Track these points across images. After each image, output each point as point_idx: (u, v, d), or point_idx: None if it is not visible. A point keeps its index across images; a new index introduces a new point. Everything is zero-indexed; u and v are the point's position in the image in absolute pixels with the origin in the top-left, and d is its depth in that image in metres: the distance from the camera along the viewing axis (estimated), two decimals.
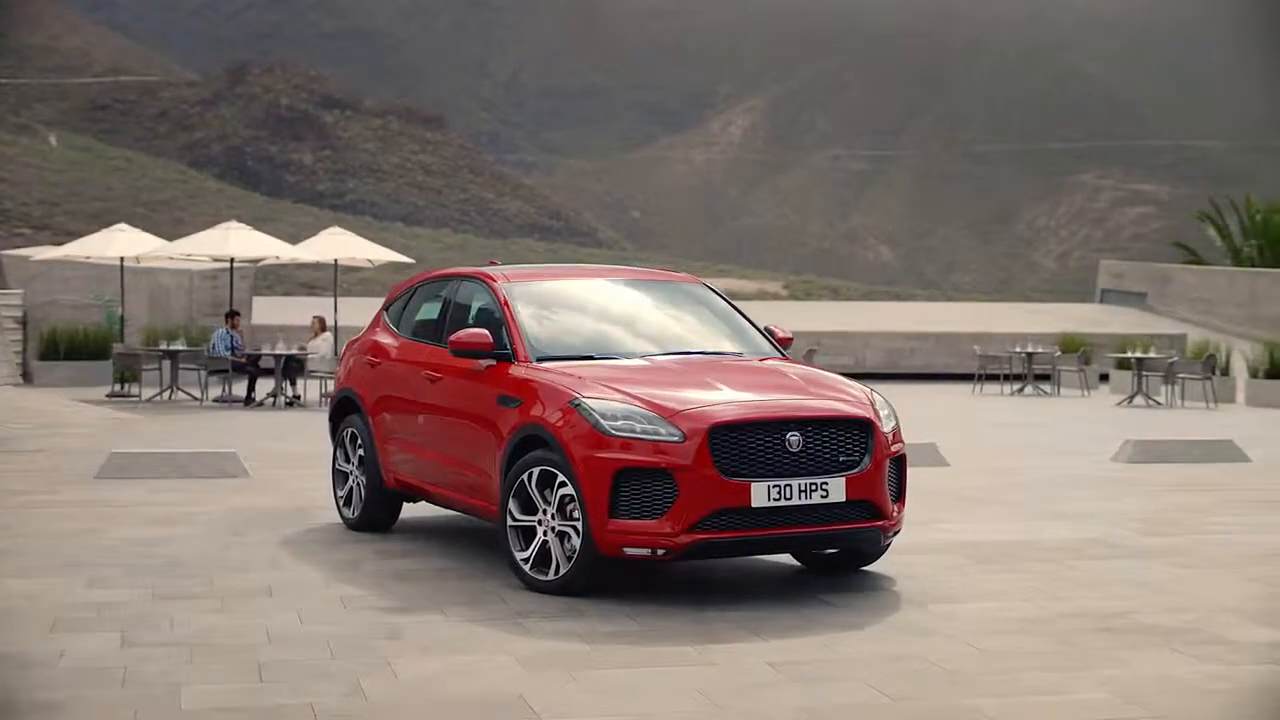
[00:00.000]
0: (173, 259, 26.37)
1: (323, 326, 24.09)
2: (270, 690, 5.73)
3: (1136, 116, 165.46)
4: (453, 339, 8.42)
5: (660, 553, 7.24)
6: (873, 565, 8.38)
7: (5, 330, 26.18)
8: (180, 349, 23.20)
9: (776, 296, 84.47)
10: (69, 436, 16.59)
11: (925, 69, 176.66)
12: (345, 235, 26.18)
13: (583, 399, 7.50)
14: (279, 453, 15.00)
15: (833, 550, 8.14)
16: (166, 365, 23.16)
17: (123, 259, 25.49)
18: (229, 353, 23.11)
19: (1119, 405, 24.78)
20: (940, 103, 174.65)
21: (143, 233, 26.04)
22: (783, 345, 9.03)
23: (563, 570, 7.52)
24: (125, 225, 26.52)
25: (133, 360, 23.32)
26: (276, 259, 25.61)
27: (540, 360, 8.16)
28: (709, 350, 8.61)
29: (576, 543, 7.42)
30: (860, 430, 7.63)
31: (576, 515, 7.39)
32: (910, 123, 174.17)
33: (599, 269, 10.15)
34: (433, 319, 9.42)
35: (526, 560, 7.67)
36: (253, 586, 7.82)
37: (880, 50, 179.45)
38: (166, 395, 22.86)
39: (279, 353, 22.59)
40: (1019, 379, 28.45)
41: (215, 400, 22.79)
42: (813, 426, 7.47)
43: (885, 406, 8.04)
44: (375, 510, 9.67)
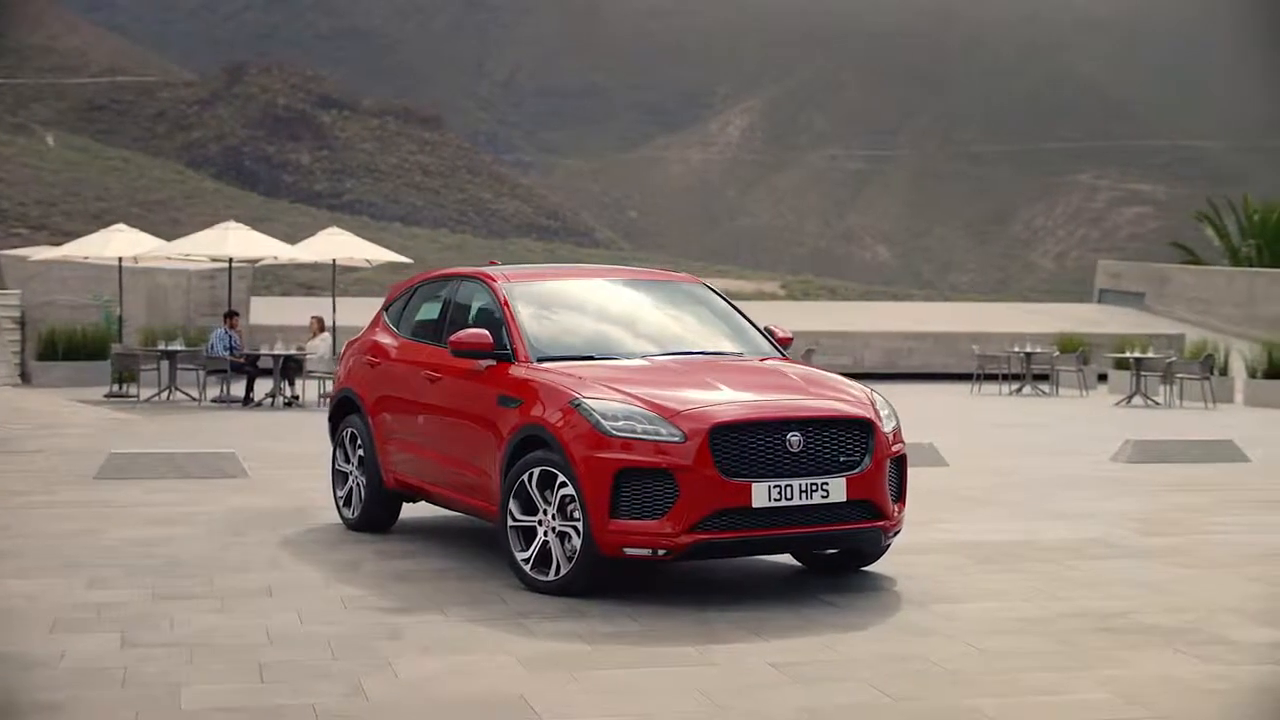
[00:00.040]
0: (171, 259, 26.36)
1: (321, 327, 24.09)
2: (271, 690, 5.73)
3: (1133, 116, 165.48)
4: (453, 339, 8.42)
5: (661, 553, 7.23)
6: (873, 565, 8.38)
7: (3, 330, 26.19)
8: (178, 349, 23.19)
9: (774, 296, 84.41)
10: (67, 437, 16.59)
11: (922, 69, 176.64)
12: (343, 235, 26.18)
13: (583, 399, 7.50)
14: (278, 453, 15.00)
15: (833, 550, 8.14)
16: (165, 365, 23.17)
17: (121, 259, 25.48)
18: (227, 353, 23.12)
19: (1117, 405, 24.80)
20: (937, 103, 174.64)
21: (141, 233, 26.05)
22: (783, 345, 9.04)
23: (563, 570, 7.52)
24: (123, 225, 26.55)
25: (131, 360, 23.32)
26: (275, 259, 25.61)
27: (540, 360, 8.15)
28: (709, 350, 8.61)
29: (577, 543, 7.42)
30: (861, 430, 7.63)
31: (577, 515, 7.39)
32: (907, 123, 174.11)
33: (599, 269, 10.15)
34: (433, 319, 9.42)
35: (527, 560, 7.67)
36: (253, 587, 7.82)
37: (877, 50, 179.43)
38: (165, 395, 22.85)
39: (277, 353, 22.61)
40: (1017, 379, 28.47)
41: (214, 400, 22.79)
42: (813, 427, 7.47)
43: (886, 406, 8.04)
44: (375, 510, 9.67)
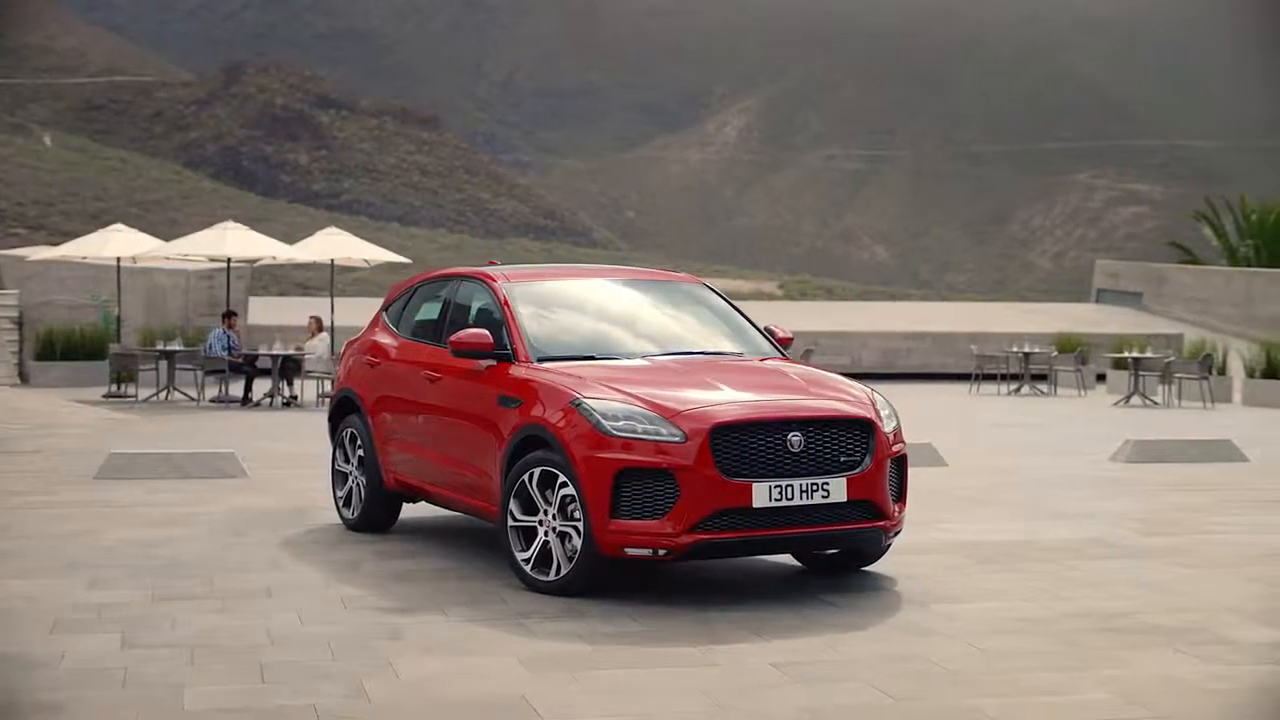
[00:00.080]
0: (169, 259, 26.35)
1: (319, 327, 24.08)
2: (272, 691, 5.72)
3: (1131, 116, 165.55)
4: (453, 339, 8.41)
5: (661, 553, 7.23)
6: (873, 565, 8.38)
7: (1, 330, 26.18)
8: (177, 349, 23.19)
9: (771, 296, 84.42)
10: (66, 437, 16.58)
11: (922, 69, 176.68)
12: (342, 235, 26.16)
13: (584, 399, 7.49)
14: (277, 453, 14.99)
15: (834, 550, 8.14)
16: (163, 365, 23.17)
17: (119, 259, 25.47)
18: (226, 353, 23.11)
19: (1116, 405, 24.80)
20: (936, 102, 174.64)
21: (139, 233, 26.03)
22: (783, 345, 9.03)
23: (564, 571, 7.51)
24: (122, 225, 26.53)
25: (129, 360, 23.32)
26: (273, 259, 25.60)
27: (541, 360, 8.15)
28: (709, 350, 8.61)
29: (578, 543, 7.41)
30: (861, 430, 7.63)
31: (577, 515, 7.39)
32: (905, 122, 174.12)
33: (599, 269, 10.14)
34: (433, 319, 9.41)
35: (527, 561, 7.66)
36: (253, 587, 7.81)
37: (875, 50, 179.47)
38: (163, 395, 22.84)
39: (276, 353, 22.59)
40: (1016, 379, 28.47)
41: (212, 400, 22.78)
42: (814, 427, 7.46)
43: (886, 406, 8.04)
44: (375, 510, 9.66)
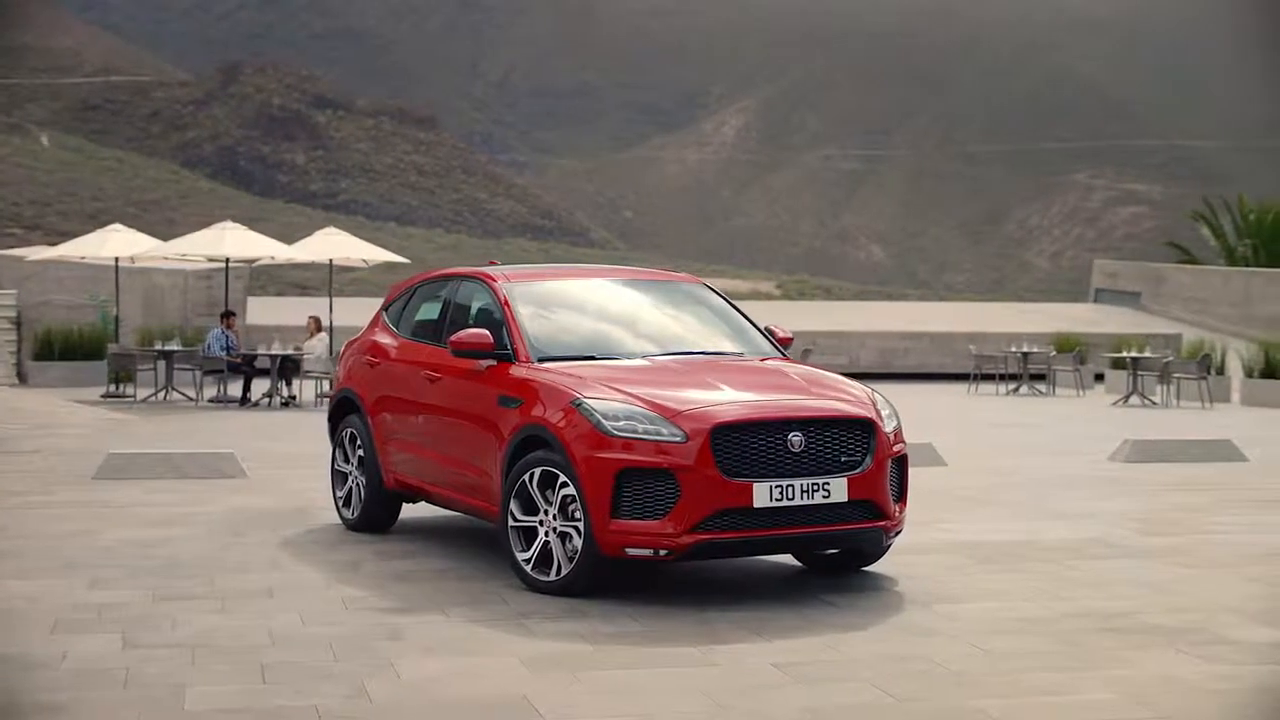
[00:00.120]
0: (167, 259, 26.33)
1: (318, 327, 24.07)
2: (274, 692, 5.71)
3: (1129, 116, 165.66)
4: (453, 339, 8.40)
5: (662, 553, 7.22)
6: (874, 565, 8.37)
7: (0, 330, 26.17)
8: (175, 349, 23.16)
9: (769, 296, 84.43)
10: (64, 437, 16.56)
11: (921, 69, 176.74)
12: (340, 235, 26.13)
13: (584, 399, 7.48)
14: (276, 453, 14.98)
15: (834, 550, 8.13)
16: (161, 365, 23.15)
17: (117, 259, 25.44)
18: (224, 353, 23.09)
19: (1114, 405, 24.81)
20: (933, 102, 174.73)
21: (137, 233, 25.98)
22: (783, 345, 9.03)
23: (564, 571, 7.50)
24: (120, 225, 26.47)
25: (128, 360, 23.30)
26: (272, 259, 25.58)
27: (541, 360, 8.14)
28: (710, 350, 8.60)
29: (578, 543, 7.40)
30: (862, 430, 7.62)
31: (578, 516, 7.38)
32: (902, 122, 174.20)
33: (599, 269, 10.13)
34: (432, 319, 9.40)
35: (528, 561, 7.66)
36: (253, 587, 7.80)
37: (873, 50, 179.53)
38: (161, 396, 22.82)
39: (274, 353, 22.58)
40: (1014, 379, 28.47)
41: (210, 401, 22.76)
42: (815, 427, 7.46)
43: (887, 406, 8.03)
44: (375, 510, 9.65)
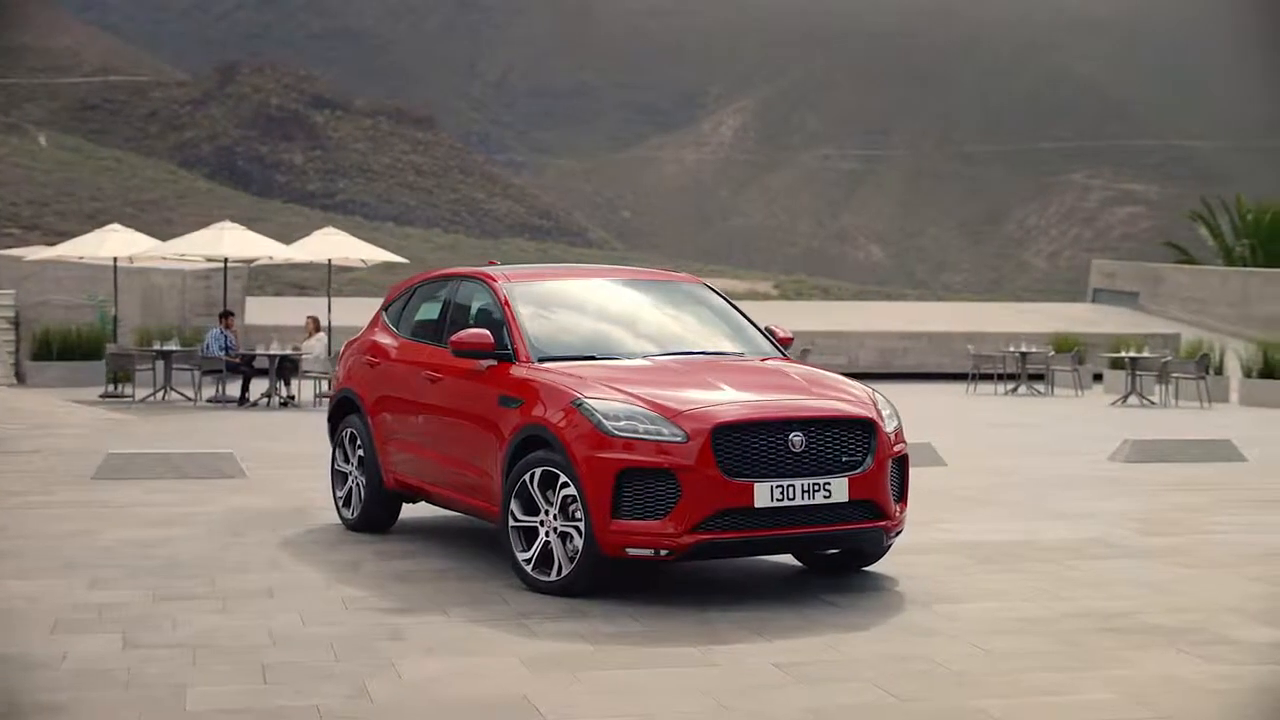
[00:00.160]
0: (166, 259, 26.31)
1: (317, 327, 24.06)
2: (275, 692, 5.71)
3: (1127, 116, 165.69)
4: (454, 339, 8.39)
5: (663, 553, 7.22)
6: (874, 565, 8.37)
7: None
8: (174, 349, 23.15)
9: (767, 296, 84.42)
10: (63, 437, 16.55)
11: (918, 69, 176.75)
12: (339, 235, 26.11)
13: (585, 399, 7.48)
14: (275, 453, 14.98)
15: (835, 550, 8.13)
16: (160, 365, 23.14)
17: (116, 259, 25.42)
18: (223, 353, 23.08)
19: (1113, 405, 24.81)
20: (933, 102, 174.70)
21: (136, 233, 25.95)
22: (783, 345, 9.03)
23: (565, 571, 7.50)
24: (118, 225, 26.46)
25: (126, 361, 23.28)
26: (270, 259, 25.57)
27: (541, 360, 8.13)
28: (710, 350, 8.60)
29: (579, 543, 7.40)
30: (863, 430, 7.62)
31: (579, 516, 7.37)
32: (900, 122, 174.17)
33: (599, 269, 10.12)
34: (433, 319, 9.40)
35: (529, 561, 7.65)
36: (253, 587, 7.80)
37: (872, 50, 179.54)
38: (160, 396, 22.81)
39: (273, 353, 22.57)
40: (1013, 379, 28.47)
41: (209, 401, 22.75)
42: (815, 427, 7.46)
43: (887, 406, 8.03)
44: (375, 511, 9.64)
